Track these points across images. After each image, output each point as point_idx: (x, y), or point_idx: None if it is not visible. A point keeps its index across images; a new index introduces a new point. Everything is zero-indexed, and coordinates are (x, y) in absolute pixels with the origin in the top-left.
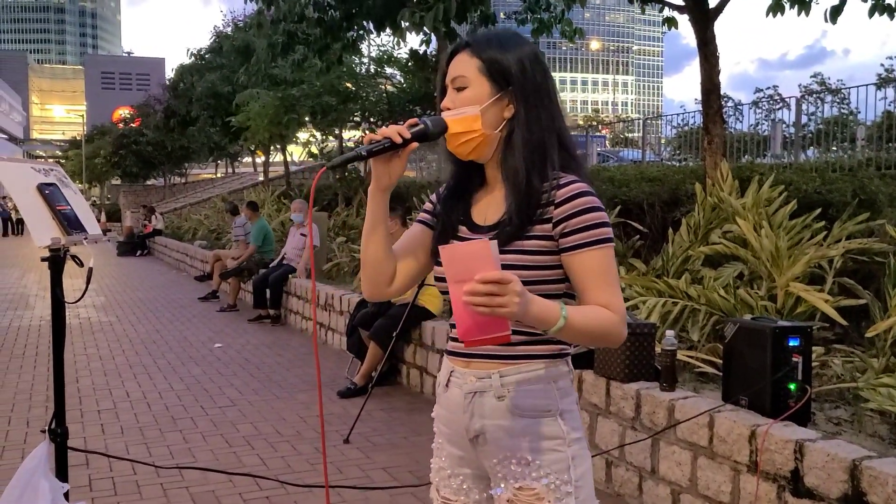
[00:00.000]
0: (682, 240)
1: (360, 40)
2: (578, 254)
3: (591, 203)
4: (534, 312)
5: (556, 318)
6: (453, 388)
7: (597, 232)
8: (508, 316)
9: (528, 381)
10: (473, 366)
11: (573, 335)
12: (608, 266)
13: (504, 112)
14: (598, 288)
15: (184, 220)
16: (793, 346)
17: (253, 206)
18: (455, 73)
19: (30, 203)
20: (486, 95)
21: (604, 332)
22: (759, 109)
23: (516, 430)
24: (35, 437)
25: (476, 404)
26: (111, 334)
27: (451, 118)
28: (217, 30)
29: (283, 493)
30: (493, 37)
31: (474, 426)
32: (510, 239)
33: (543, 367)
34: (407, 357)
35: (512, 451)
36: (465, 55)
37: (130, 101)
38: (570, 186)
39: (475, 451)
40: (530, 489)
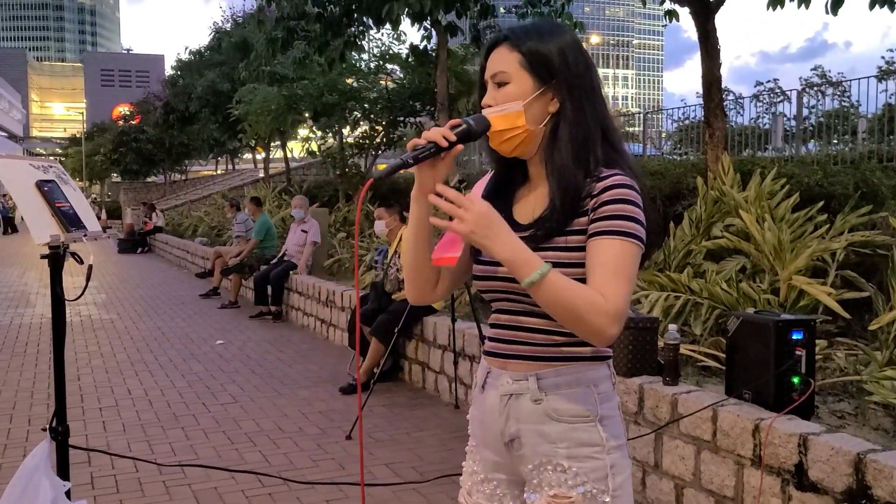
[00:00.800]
0: (684, 234)
1: (361, 36)
2: (596, 240)
3: (626, 196)
4: (503, 249)
5: (532, 270)
6: (489, 391)
7: (621, 224)
8: (460, 231)
9: (567, 385)
10: (510, 367)
11: (547, 299)
12: (622, 260)
13: (548, 106)
14: (601, 276)
15: (184, 217)
16: (796, 340)
17: (256, 202)
18: (495, 68)
19: (29, 200)
20: (530, 90)
21: (582, 313)
22: (759, 103)
23: (553, 436)
24: (36, 436)
25: (512, 407)
26: (112, 331)
27: (494, 115)
28: (216, 26)
29: (285, 489)
30: (532, 28)
31: (510, 430)
32: (549, 235)
33: (583, 369)
34: (409, 353)
35: (548, 458)
36: (504, 49)
37: (130, 98)
38: (610, 179)
39: (510, 455)
40: (566, 497)
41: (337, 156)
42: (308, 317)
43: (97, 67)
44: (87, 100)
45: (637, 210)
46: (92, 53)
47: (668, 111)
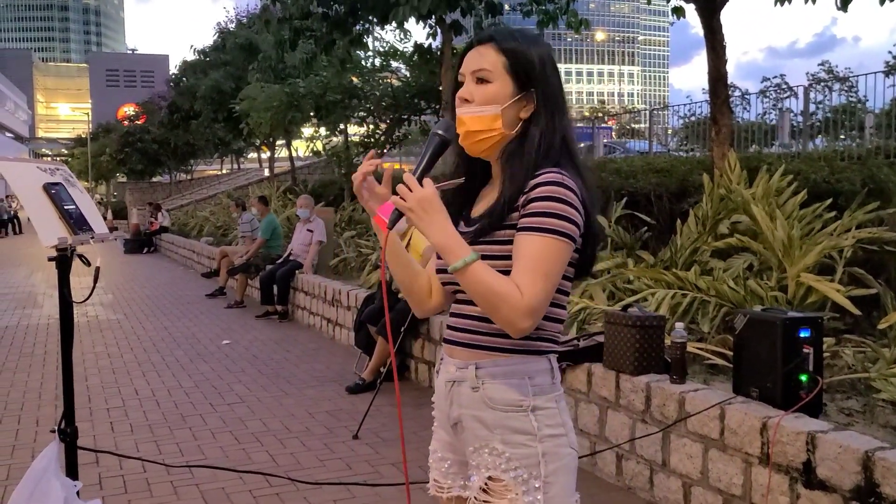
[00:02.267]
0: (691, 231)
1: (366, 34)
2: (521, 235)
3: (556, 193)
4: (437, 234)
5: (458, 258)
6: (441, 375)
7: (547, 221)
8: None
9: (503, 375)
10: (455, 354)
11: (468, 285)
12: (543, 256)
13: (521, 112)
14: (520, 271)
15: (190, 217)
16: (803, 337)
17: (263, 201)
18: (479, 64)
19: (36, 203)
20: (509, 94)
21: (496, 303)
22: (766, 98)
23: (489, 422)
24: (45, 437)
25: (455, 393)
26: (119, 332)
27: (470, 115)
28: (221, 26)
29: (293, 489)
30: (516, 34)
31: (453, 414)
32: (485, 232)
33: (519, 361)
34: (415, 352)
35: (485, 442)
36: (489, 49)
37: (135, 98)
38: (544, 176)
39: (457, 437)
40: (499, 480)
41: (342, 154)
42: (314, 316)
43: (102, 68)
44: (92, 100)
45: (566, 208)
46: (97, 54)
47: (674, 108)
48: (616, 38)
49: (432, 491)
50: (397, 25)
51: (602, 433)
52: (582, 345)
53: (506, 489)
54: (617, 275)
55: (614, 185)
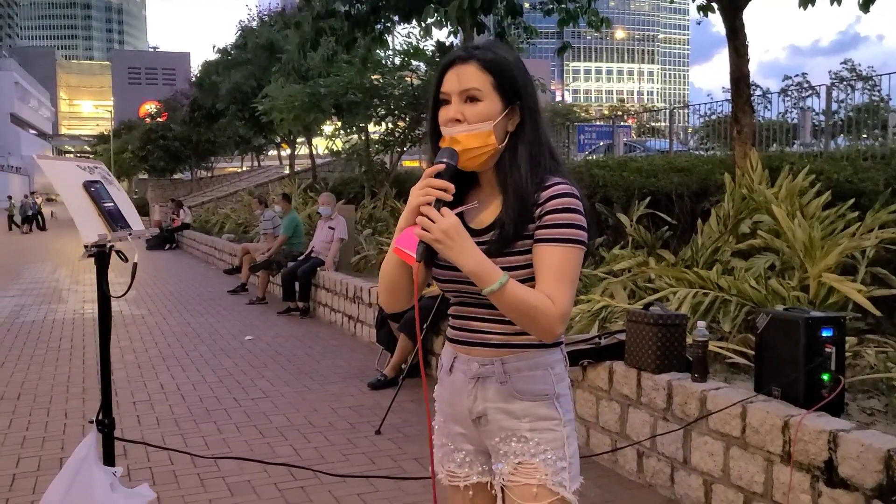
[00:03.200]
0: (712, 230)
1: (388, 33)
2: (542, 246)
3: (570, 204)
4: (468, 262)
5: (493, 280)
6: (457, 373)
7: (566, 231)
8: (429, 242)
9: (528, 368)
10: (475, 353)
11: (505, 304)
12: (567, 265)
13: (507, 125)
14: (548, 281)
15: (211, 214)
16: (826, 337)
17: (286, 198)
18: (467, 83)
19: (77, 200)
20: (499, 111)
21: (534, 316)
22: (787, 97)
23: (517, 412)
24: (73, 429)
25: (479, 388)
26: (143, 327)
27: (466, 134)
28: (242, 25)
29: (317, 482)
30: (491, 47)
31: (477, 408)
32: (508, 242)
33: (540, 354)
34: (436, 349)
35: (512, 431)
36: (474, 67)
37: (157, 95)
38: (555, 187)
39: (477, 430)
40: (530, 464)
41: (362, 153)
42: (335, 313)
43: (124, 65)
44: (114, 97)
45: (579, 217)
46: (119, 51)
47: (694, 106)
48: (636, 37)
49: (445, 481)
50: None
51: (623, 431)
52: (603, 343)
53: (535, 471)
54: (638, 273)
55: (635, 184)
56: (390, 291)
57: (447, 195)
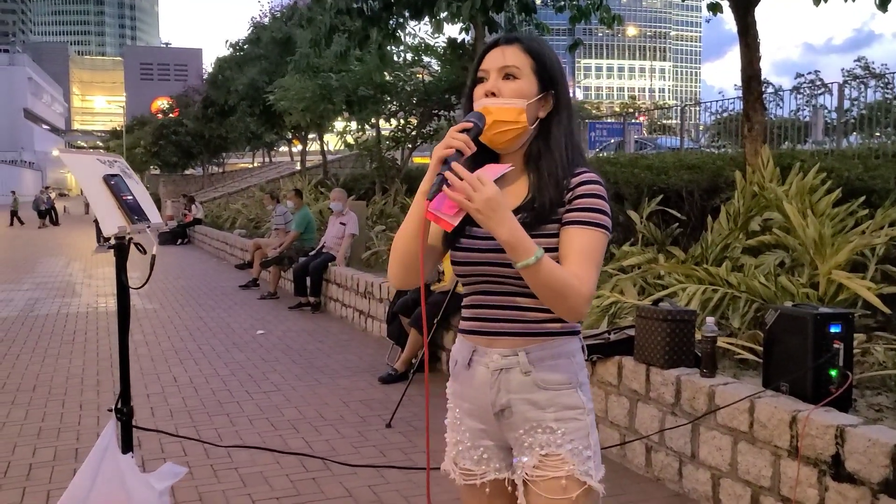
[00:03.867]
0: (722, 227)
1: (400, 29)
2: (571, 228)
3: (597, 191)
4: (506, 233)
5: (529, 254)
6: (477, 367)
7: (593, 215)
8: (469, 210)
9: (551, 357)
10: (497, 344)
11: (538, 280)
12: (593, 248)
13: (539, 111)
14: (576, 262)
15: (223, 210)
16: (834, 333)
17: (298, 194)
18: (507, 61)
19: (97, 193)
20: (535, 93)
21: (565, 294)
22: (800, 95)
23: (541, 402)
24: (88, 420)
25: (503, 380)
26: (156, 321)
27: (498, 106)
28: (254, 20)
29: (328, 474)
30: (536, 39)
31: (500, 401)
32: (540, 223)
33: (562, 343)
34: (446, 343)
35: (537, 422)
36: (515, 49)
37: (169, 91)
38: (583, 175)
39: (498, 423)
40: (556, 455)
41: (373, 148)
42: (346, 308)
43: (137, 61)
44: (126, 93)
45: (606, 203)
46: (131, 47)
47: (706, 104)
48: (648, 34)
49: (460, 480)
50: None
51: (632, 425)
52: (613, 338)
53: (562, 462)
54: (647, 270)
55: (646, 182)
56: (406, 265)
57: (467, 148)
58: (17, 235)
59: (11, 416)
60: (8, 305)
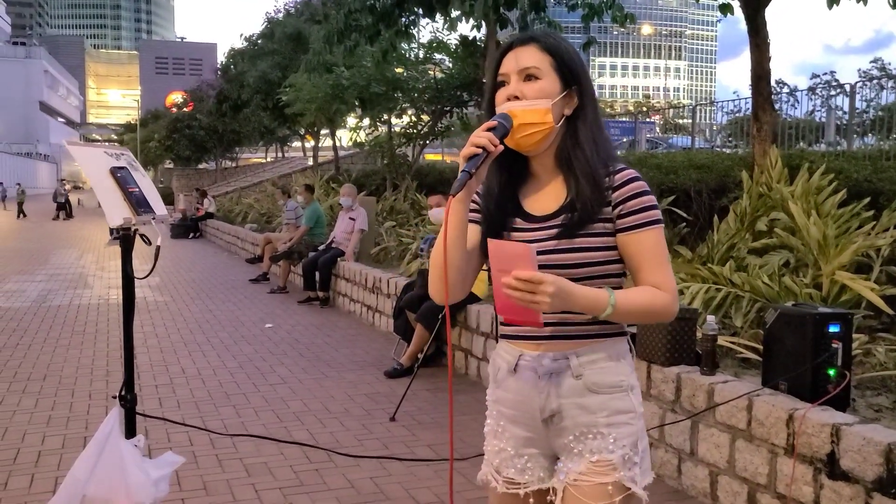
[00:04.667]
0: (729, 227)
1: (412, 26)
2: (635, 234)
3: (644, 187)
4: (579, 303)
5: (604, 307)
6: (525, 372)
7: (650, 214)
8: (542, 310)
9: (602, 360)
10: (545, 348)
11: (622, 318)
12: (661, 246)
13: (564, 109)
14: (651, 267)
15: (235, 204)
16: (833, 333)
17: (309, 189)
18: (527, 62)
19: (104, 185)
20: (557, 91)
21: (653, 312)
22: (815, 96)
23: (593, 406)
24: (97, 409)
25: (553, 384)
26: (166, 313)
27: (523, 108)
28: (269, 16)
29: (332, 465)
30: (551, 35)
31: (550, 406)
32: (583, 223)
33: (612, 344)
34: (452, 339)
35: (588, 427)
36: (534, 48)
37: (183, 85)
38: (625, 172)
39: (546, 430)
40: (607, 461)
41: (385, 145)
42: (354, 303)
43: (152, 55)
44: (141, 87)
45: (654, 198)
46: (147, 41)
47: (720, 103)
48: (663, 32)
49: (502, 488)
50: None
51: None
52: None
53: (612, 468)
54: None
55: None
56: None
57: (492, 146)
58: (31, 228)
59: (22, 405)
60: (21, 296)
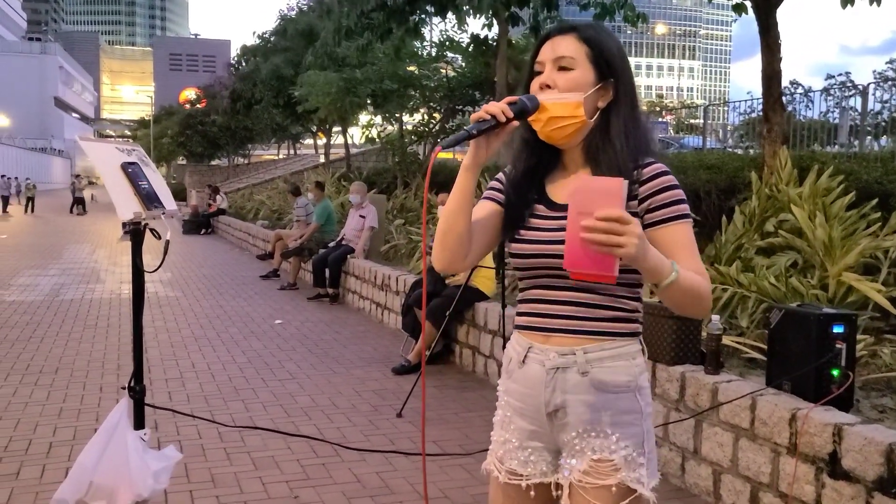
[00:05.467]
0: (737, 228)
1: (423, 24)
2: (665, 227)
3: (672, 181)
4: (651, 260)
5: (669, 272)
6: (532, 364)
7: (679, 207)
8: (624, 256)
9: (611, 358)
10: (554, 341)
11: (677, 293)
12: (691, 239)
13: (598, 101)
14: (687, 258)
15: (247, 201)
16: (836, 333)
17: (320, 186)
18: (561, 52)
19: (115, 180)
20: (591, 83)
21: (701, 296)
22: (829, 96)
23: (598, 405)
24: (108, 402)
25: (559, 379)
26: (177, 308)
27: (553, 101)
28: (282, 13)
29: (338, 460)
30: (594, 26)
31: (555, 401)
32: None
33: (623, 343)
34: (460, 337)
35: (592, 425)
36: (571, 38)
37: (197, 82)
38: (653, 166)
39: (551, 424)
40: (608, 461)
41: (396, 143)
42: (364, 300)
43: (166, 52)
44: (155, 83)
45: (682, 192)
46: (161, 38)
47: (733, 104)
48: (677, 32)
49: (504, 479)
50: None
51: None
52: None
53: (614, 469)
54: None
55: None
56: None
57: (503, 116)
58: (44, 223)
59: (34, 397)
60: (34, 290)
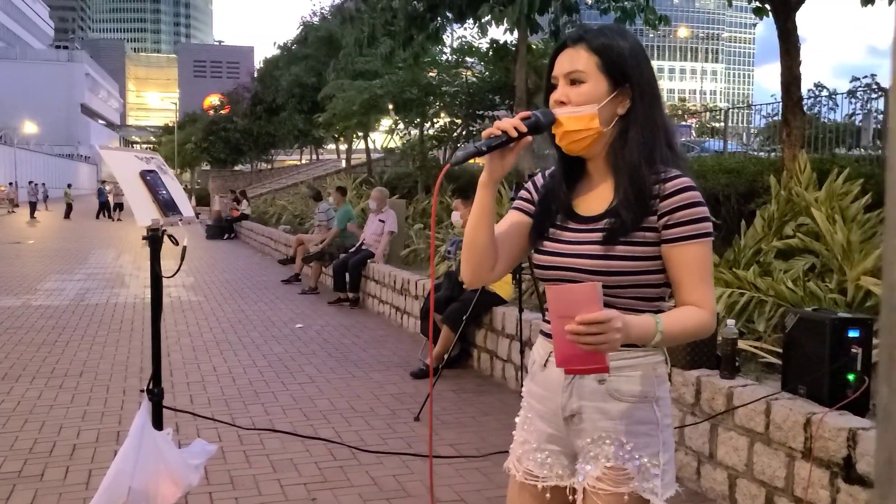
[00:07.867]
0: (756, 232)
1: (443, 30)
2: (679, 246)
3: (695, 198)
4: (633, 334)
5: (653, 334)
6: (553, 368)
7: (699, 226)
8: (609, 350)
9: (630, 368)
10: None
11: (670, 343)
12: (705, 261)
13: (617, 108)
14: (692, 283)
15: (269, 206)
16: (852, 338)
17: (341, 191)
18: (571, 66)
19: (133, 188)
20: (605, 93)
21: (696, 335)
22: (855, 99)
23: (613, 413)
24: (130, 405)
25: (576, 385)
26: (199, 313)
27: (567, 115)
28: (304, 20)
29: (355, 463)
30: (605, 30)
31: (572, 406)
32: (625, 231)
33: (644, 353)
34: (478, 341)
35: (607, 433)
36: (580, 49)
37: (221, 88)
38: (677, 181)
39: (567, 429)
40: (621, 469)
41: (417, 148)
42: (383, 304)
43: (190, 59)
44: (180, 90)
45: (706, 209)
46: (186, 45)
47: (756, 107)
48: (700, 35)
49: (520, 478)
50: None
51: None
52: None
53: (626, 478)
54: None
55: None
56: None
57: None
58: (70, 228)
59: (59, 400)
60: (60, 295)
